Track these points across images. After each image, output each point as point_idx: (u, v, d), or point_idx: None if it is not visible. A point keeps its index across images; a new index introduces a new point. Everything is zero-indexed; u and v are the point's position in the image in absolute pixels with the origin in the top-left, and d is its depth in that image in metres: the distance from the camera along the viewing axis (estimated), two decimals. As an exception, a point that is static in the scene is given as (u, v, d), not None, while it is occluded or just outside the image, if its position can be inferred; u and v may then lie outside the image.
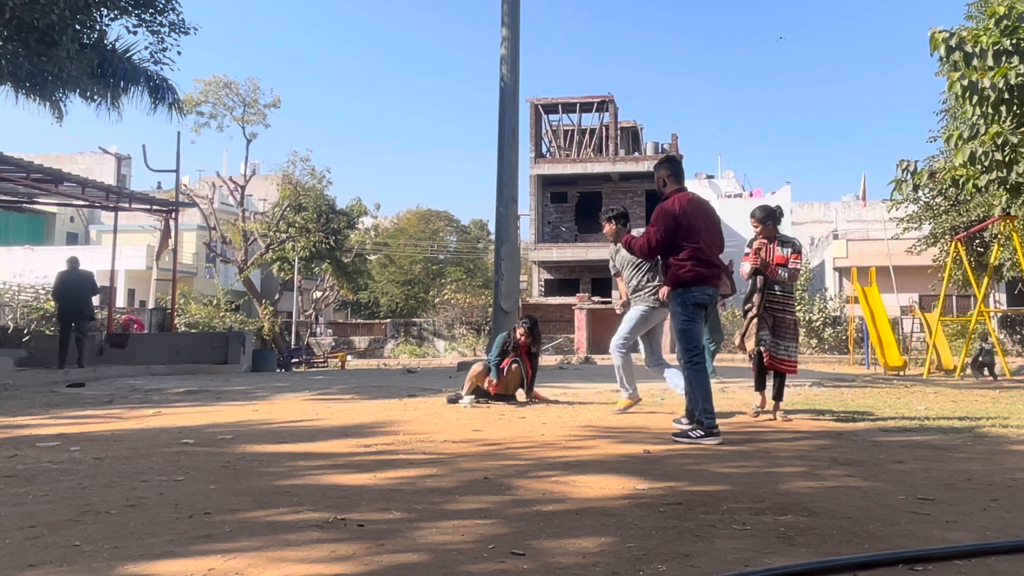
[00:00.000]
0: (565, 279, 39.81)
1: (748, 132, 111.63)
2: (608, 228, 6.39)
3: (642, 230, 5.27)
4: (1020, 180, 9.99)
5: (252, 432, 5.27)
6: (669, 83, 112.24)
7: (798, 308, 26.12)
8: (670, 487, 3.31)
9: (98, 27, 13.68)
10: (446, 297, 43.82)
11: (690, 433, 4.76)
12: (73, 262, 13.33)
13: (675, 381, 5.94)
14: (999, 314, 25.28)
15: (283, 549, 2.36)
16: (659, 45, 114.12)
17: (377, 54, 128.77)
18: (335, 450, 4.49)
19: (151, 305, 28.68)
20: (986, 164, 9.77)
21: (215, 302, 29.67)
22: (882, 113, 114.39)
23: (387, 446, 4.57)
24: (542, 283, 40.11)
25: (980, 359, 14.13)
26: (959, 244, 15.47)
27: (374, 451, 4.41)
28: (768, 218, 6.07)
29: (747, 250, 6.12)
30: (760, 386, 6.22)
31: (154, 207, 18.07)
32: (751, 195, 43.52)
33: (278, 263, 34.12)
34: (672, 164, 5.27)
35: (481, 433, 5.15)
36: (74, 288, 13.00)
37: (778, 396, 6.06)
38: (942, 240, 22.31)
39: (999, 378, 13.23)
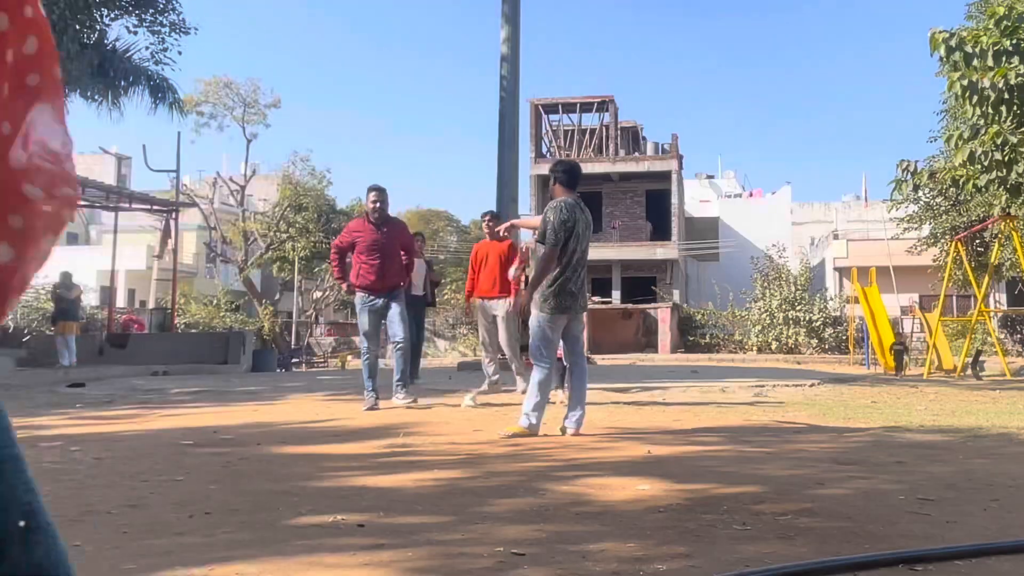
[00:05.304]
0: (565, 279, 39.60)
1: (748, 132, 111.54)
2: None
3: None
4: (1020, 180, 9.99)
5: (253, 433, 5.27)
6: (669, 83, 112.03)
7: (799, 308, 26.43)
8: (670, 487, 3.31)
9: (98, 27, 13.71)
10: (446, 297, 43.79)
11: None
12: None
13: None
14: (999, 314, 25.27)
15: (283, 550, 2.37)
16: (660, 45, 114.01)
17: (377, 53, 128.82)
18: (336, 451, 4.49)
19: (151, 305, 28.64)
20: (986, 164, 9.77)
21: (215, 302, 29.65)
22: (882, 113, 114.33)
23: (386, 448, 4.58)
24: (542, 283, 39.88)
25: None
26: (959, 244, 15.46)
27: (371, 452, 4.42)
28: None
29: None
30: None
31: (154, 207, 18.09)
32: (751, 195, 43.51)
33: (278, 263, 34.10)
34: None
35: (482, 433, 5.15)
36: None
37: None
38: (942, 240, 22.31)
39: (982, 377, 13.21)
